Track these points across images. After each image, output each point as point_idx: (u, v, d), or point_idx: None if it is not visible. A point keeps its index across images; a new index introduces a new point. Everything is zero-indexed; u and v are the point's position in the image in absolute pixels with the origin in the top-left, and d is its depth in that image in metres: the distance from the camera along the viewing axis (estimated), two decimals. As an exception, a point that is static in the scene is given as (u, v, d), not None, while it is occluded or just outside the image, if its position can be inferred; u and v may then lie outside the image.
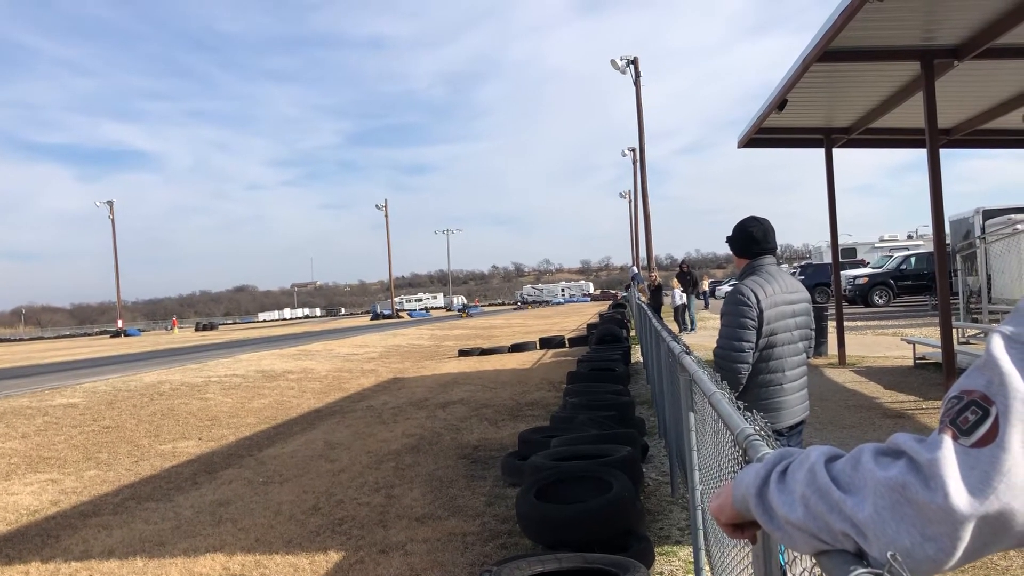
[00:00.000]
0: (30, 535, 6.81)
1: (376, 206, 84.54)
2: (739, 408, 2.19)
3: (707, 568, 3.92)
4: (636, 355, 17.39)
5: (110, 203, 76.33)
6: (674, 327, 21.30)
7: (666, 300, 25.63)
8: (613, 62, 30.50)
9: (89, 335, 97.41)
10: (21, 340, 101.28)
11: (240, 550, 5.88)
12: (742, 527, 1.22)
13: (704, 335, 21.96)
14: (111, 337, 72.67)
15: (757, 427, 1.85)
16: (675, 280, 24.87)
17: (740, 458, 1.91)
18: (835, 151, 14.74)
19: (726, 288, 62.50)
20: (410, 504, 6.84)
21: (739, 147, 15.14)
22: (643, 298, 23.39)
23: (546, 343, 24.09)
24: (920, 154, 10.98)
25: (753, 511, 1.10)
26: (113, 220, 76.16)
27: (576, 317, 47.49)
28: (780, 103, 11.36)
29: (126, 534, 6.58)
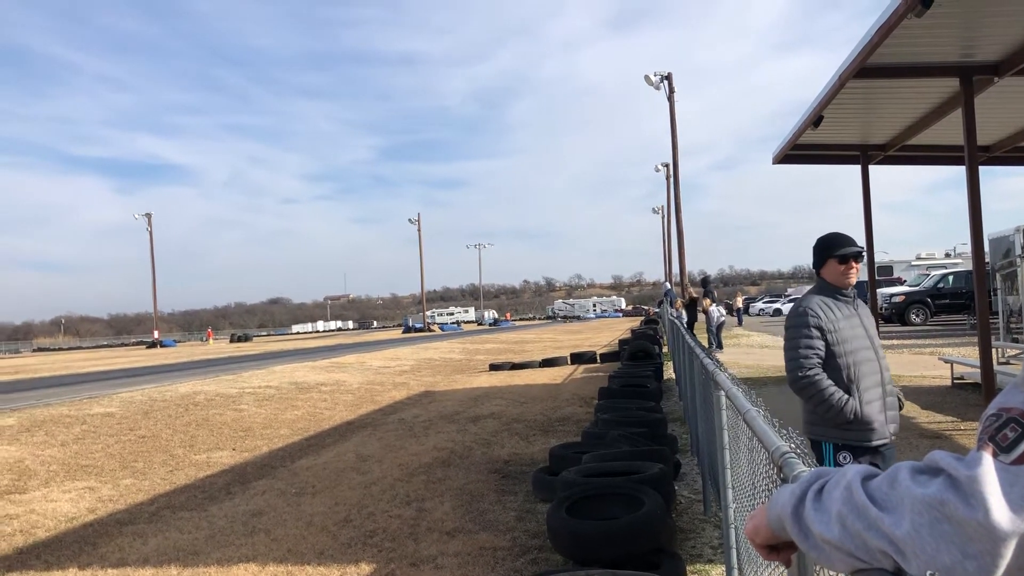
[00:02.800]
0: (68, 542, 6.91)
1: (409, 220, 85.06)
2: (774, 425, 2.18)
3: (740, 587, 3.88)
4: (669, 372, 17.29)
5: (148, 215, 77.47)
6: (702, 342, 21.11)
7: (703, 317, 25.43)
8: (647, 78, 30.48)
9: (126, 345, 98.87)
10: (60, 349, 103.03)
11: (272, 560, 5.92)
12: (778, 549, 1.21)
13: (737, 352, 21.78)
14: (147, 348, 73.62)
15: (793, 444, 1.84)
16: (706, 299, 24.60)
17: (775, 476, 1.91)
18: (871, 168, 14.61)
19: (761, 305, 61.97)
20: (441, 518, 6.85)
21: (774, 163, 15.04)
22: (683, 313, 23.25)
23: (577, 358, 24.02)
24: (958, 171, 10.86)
25: (789, 531, 1.10)
26: (151, 232, 77.30)
27: (607, 332, 47.32)
28: (816, 119, 11.29)
29: (161, 542, 6.66)
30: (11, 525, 7.54)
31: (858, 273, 4.08)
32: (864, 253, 4.09)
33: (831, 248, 4.06)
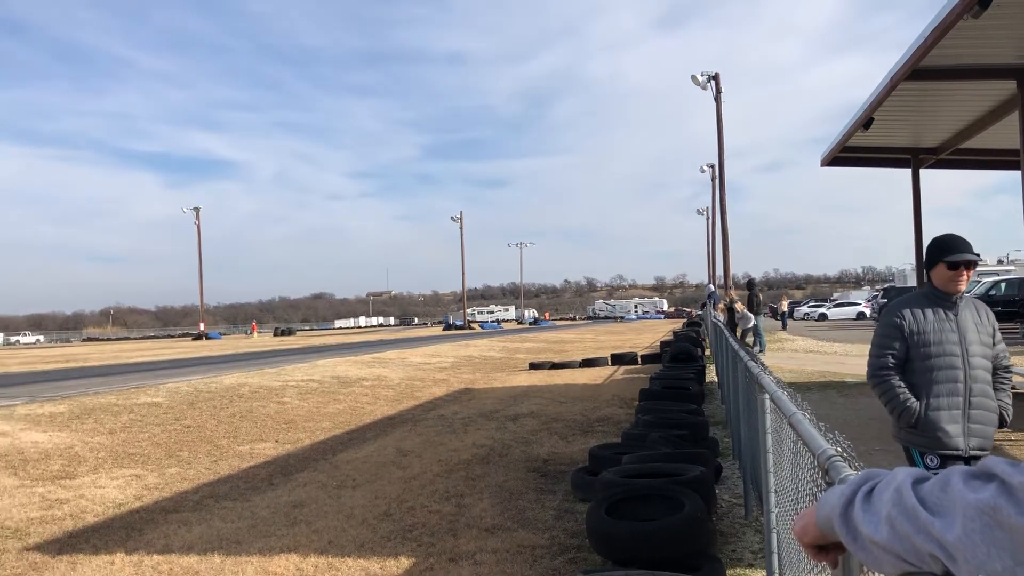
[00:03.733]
0: (115, 527, 7.07)
1: (451, 218, 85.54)
2: (820, 429, 2.16)
3: (780, 593, 3.85)
4: (711, 375, 17.16)
5: (196, 210, 78.87)
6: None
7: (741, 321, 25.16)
8: (694, 78, 30.25)
9: (172, 337, 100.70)
10: (109, 340, 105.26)
11: (313, 552, 6.00)
12: (826, 550, 1.20)
13: (780, 356, 21.54)
14: (193, 339, 74.93)
15: (840, 448, 1.83)
16: (738, 304, 24.30)
17: (821, 480, 1.89)
18: (922, 171, 14.34)
19: (805, 309, 61.19)
20: (480, 514, 6.88)
21: (822, 165, 14.85)
22: (723, 316, 23.04)
23: (618, 359, 23.94)
24: (1013, 176, 10.62)
25: (837, 531, 1.09)
26: (199, 226, 78.66)
27: (649, 334, 47.08)
28: (866, 121, 11.12)
29: (204, 531, 6.78)
30: (61, 509, 7.73)
31: (968, 281, 3.96)
32: (978, 261, 3.98)
33: (943, 252, 3.94)
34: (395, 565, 5.61)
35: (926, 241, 4.29)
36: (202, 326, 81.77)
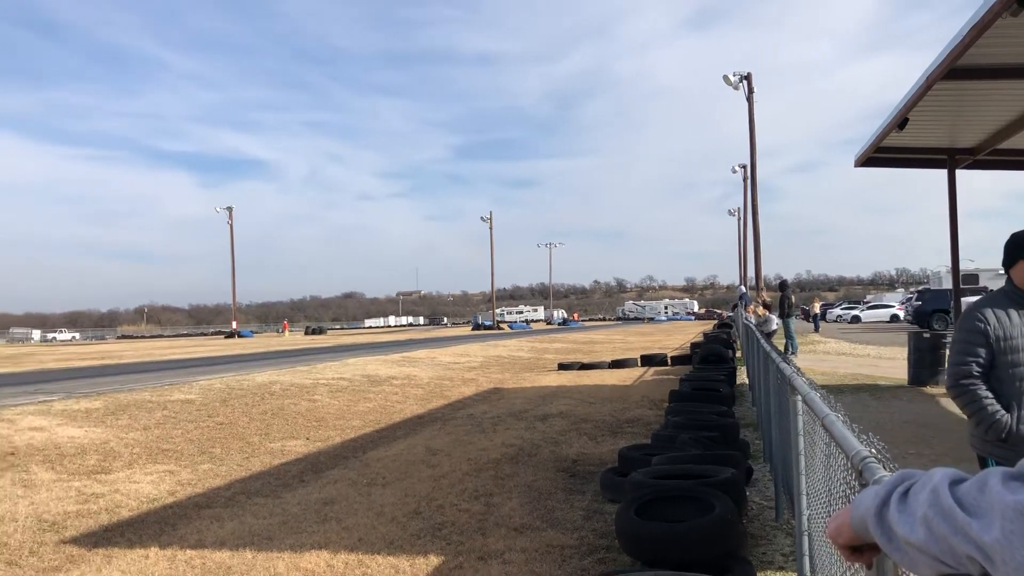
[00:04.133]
0: (149, 522, 7.17)
1: (481, 218, 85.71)
2: (854, 431, 2.15)
3: (812, 596, 3.82)
4: (742, 376, 17.04)
5: (229, 209, 79.68)
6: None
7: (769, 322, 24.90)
8: (726, 77, 30.06)
9: (205, 335, 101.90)
10: (143, 337, 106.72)
11: (344, 548, 6.05)
12: (860, 550, 1.20)
13: (812, 359, 21.33)
14: (225, 337, 75.72)
15: (873, 450, 1.81)
16: (761, 308, 24.01)
17: (854, 481, 1.88)
18: (959, 172, 14.14)
19: (838, 311, 60.57)
20: (509, 513, 6.90)
21: (856, 165, 14.69)
22: (753, 318, 22.85)
23: (648, 360, 23.84)
24: (1053, 177, 10.44)
25: (872, 532, 1.09)
26: (231, 225, 79.48)
27: (679, 335, 46.84)
28: (901, 122, 10.99)
29: (236, 526, 6.86)
30: (97, 503, 7.85)
31: None
32: None
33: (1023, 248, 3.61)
34: (424, 563, 5.64)
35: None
36: (234, 324, 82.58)
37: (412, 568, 5.54)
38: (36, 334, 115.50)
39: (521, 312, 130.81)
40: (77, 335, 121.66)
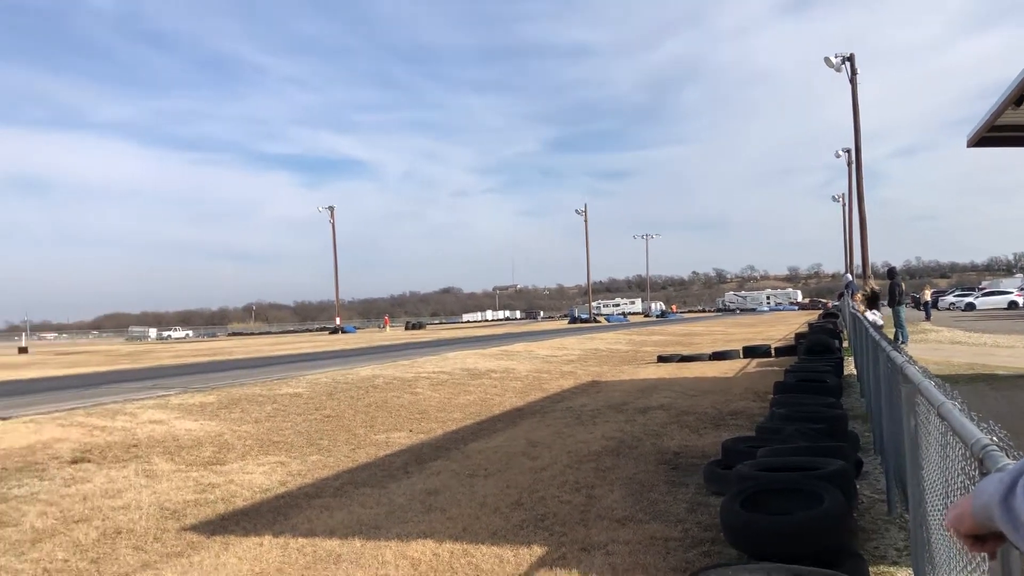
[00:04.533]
0: (263, 511, 7.46)
1: (575, 211, 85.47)
2: (973, 419, 2.07)
3: (929, 592, 3.69)
4: (849, 367, 16.53)
5: (331, 208, 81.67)
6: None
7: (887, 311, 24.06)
8: (827, 59, 29.13)
9: (310, 331, 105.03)
10: (252, 334, 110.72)
11: (448, 538, 6.15)
12: (983, 540, 1.17)
13: (924, 348, 20.51)
14: (329, 333, 77.79)
15: (995, 438, 1.74)
16: (861, 305, 23.11)
17: (974, 471, 1.81)
18: (1083, 149, 13.34)
19: (951, 299, 58.04)
20: (611, 505, 6.88)
21: (968, 146, 14.03)
22: (860, 308, 22.12)
23: (750, 352, 23.38)
24: None
25: (997, 521, 1.06)
26: (333, 224, 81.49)
27: (782, 326, 45.72)
28: (1017, 98, 10.43)
29: (345, 516, 7.06)
30: (214, 493, 8.21)
31: None
32: None
33: None
34: (528, 553, 5.69)
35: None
36: (338, 320, 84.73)
37: (516, 558, 5.60)
38: (152, 332, 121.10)
39: (618, 305, 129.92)
40: (190, 333, 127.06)
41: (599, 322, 76.74)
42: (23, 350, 57.69)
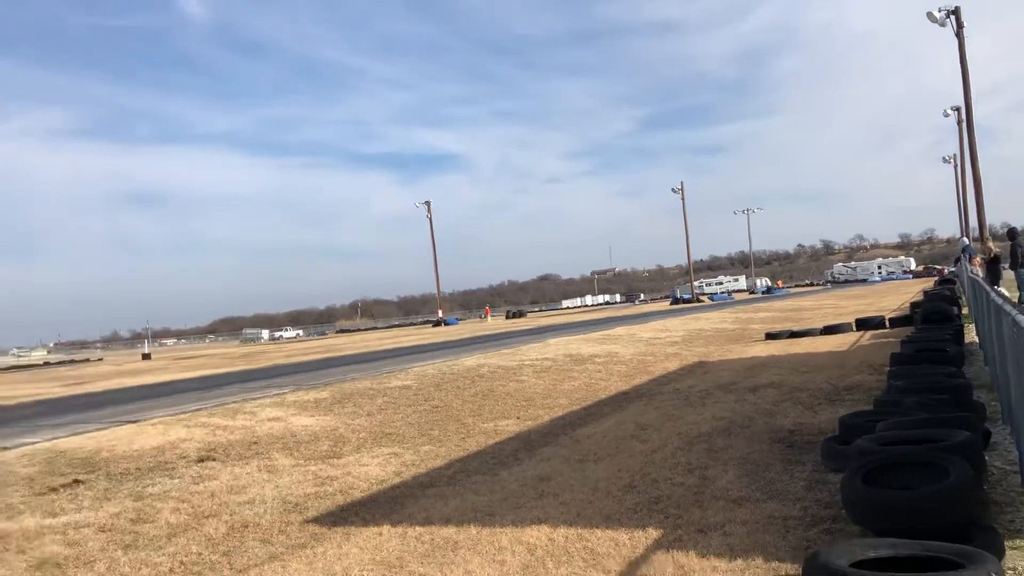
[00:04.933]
0: (380, 501, 7.65)
1: (672, 190, 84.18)
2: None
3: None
4: (970, 335, 15.80)
5: (427, 203, 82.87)
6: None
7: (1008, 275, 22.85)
8: (930, 15, 27.83)
9: (414, 324, 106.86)
10: (359, 330, 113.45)
11: (563, 523, 6.18)
12: None
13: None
14: (433, 326, 79.02)
15: None
16: (977, 258, 21.95)
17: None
18: None
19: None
20: (725, 486, 6.78)
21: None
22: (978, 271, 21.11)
23: (863, 324, 22.61)
24: None
25: None
26: (430, 219, 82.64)
27: (895, 296, 44.02)
28: None
29: (460, 504, 7.18)
30: (332, 486, 8.47)
31: None
32: None
33: None
34: (643, 536, 5.66)
35: None
36: (440, 313, 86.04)
37: (631, 541, 5.58)
38: (265, 334, 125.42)
39: (721, 283, 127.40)
40: (300, 332, 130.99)
41: (702, 301, 75.50)
42: (146, 356, 60.76)
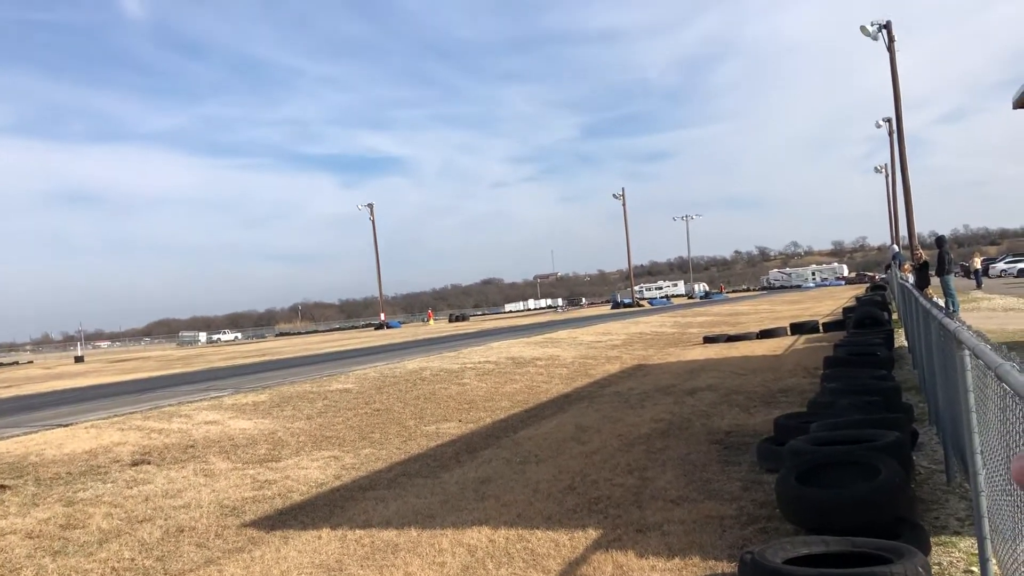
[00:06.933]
0: (319, 505, 7.57)
1: (613, 195, 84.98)
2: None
3: (994, 559, 3.64)
4: (900, 339, 16.27)
5: (370, 206, 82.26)
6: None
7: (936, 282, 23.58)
8: (863, 28, 28.59)
9: (356, 328, 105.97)
10: (299, 333, 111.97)
11: (503, 524, 6.20)
12: None
13: (976, 317, 20.09)
14: (375, 329, 78.48)
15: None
16: (907, 265, 22.65)
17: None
18: None
19: (1002, 266, 56.74)
20: (664, 486, 6.87)
21: (1015, 108, 13.71)
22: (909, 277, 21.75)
23: (798, 328, 23.12)
24: None
25: None
26: (373, 221, 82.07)
27: (830, 301, 45.08)
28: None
29: (400, 506, 7.14)
30: (271, 489, 8.35)
31: None
32: None
33: None
34: (583, 536, 5.71)
35: None
36: (382, 316, 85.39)
37: (572, 541, 5.62)
38: (203, 336, 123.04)
39: (660, 288, 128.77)
40: (239, 335, 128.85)
41: (642, 306, 76.34)
42: (79, 359, 59.20)
